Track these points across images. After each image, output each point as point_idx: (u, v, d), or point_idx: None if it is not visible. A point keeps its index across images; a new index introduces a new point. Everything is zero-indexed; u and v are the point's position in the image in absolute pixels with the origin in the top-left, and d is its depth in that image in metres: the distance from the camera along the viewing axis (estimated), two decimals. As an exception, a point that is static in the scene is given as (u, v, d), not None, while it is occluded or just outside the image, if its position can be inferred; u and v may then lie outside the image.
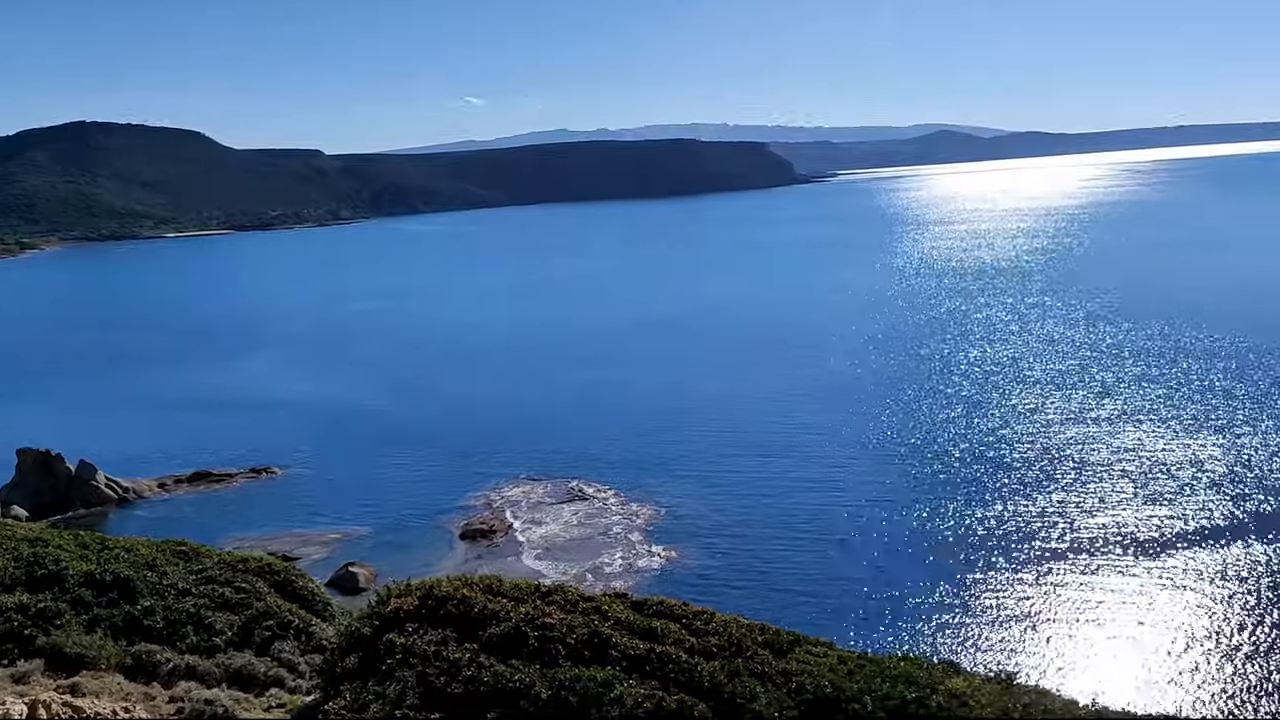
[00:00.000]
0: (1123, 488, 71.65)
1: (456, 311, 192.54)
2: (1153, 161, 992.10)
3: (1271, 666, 46.55)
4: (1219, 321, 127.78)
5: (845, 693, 13.64)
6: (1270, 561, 57.96)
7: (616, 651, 14.13)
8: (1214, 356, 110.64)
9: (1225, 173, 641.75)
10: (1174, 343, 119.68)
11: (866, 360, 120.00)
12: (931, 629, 52.34)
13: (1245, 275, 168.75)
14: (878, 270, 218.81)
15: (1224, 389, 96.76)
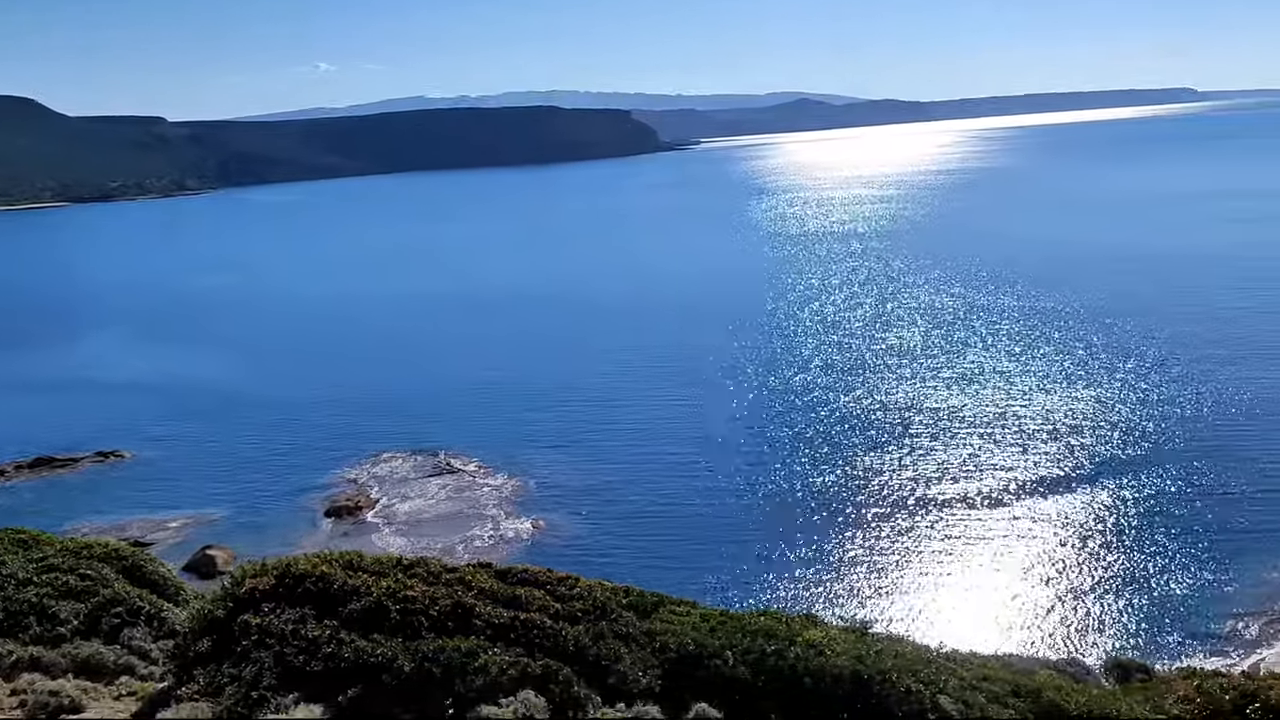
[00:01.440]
0: (973, 442, 75.12)
1: (308, 284, 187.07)
2: (1004, 129, 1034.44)
3: (1107, 604, 49.89)
4: (1063, 282, 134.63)
5: (707, 649, 13.95)
6: (1106, 506, 61.87)
7: (481, 621, 14.09)
8: (1059, 316, 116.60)
9: (1072, 139, 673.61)
10: (1021, 303, 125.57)
11: (726, 329, 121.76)
12: (792, 584, 54.01)
13: (1085, 237, 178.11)
14: (736, 238, 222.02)
15: (1066, 346, 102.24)
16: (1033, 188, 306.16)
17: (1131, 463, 68.45)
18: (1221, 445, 70.02)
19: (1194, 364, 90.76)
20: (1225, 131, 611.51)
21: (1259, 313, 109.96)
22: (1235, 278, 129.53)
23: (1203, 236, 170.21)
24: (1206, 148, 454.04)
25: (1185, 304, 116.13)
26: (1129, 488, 64.21)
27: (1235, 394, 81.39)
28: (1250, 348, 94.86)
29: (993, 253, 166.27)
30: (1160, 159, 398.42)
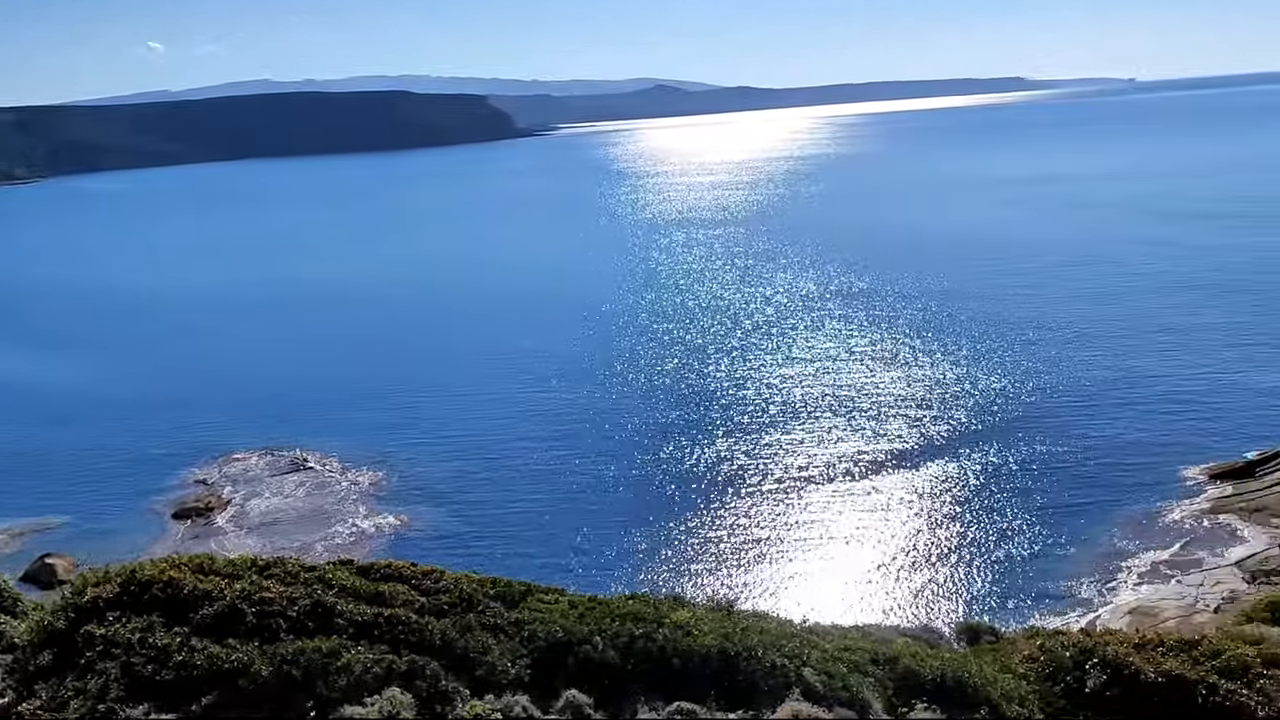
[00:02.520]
0: (828, 421, 77.40)
1: (143, 277, 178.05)
2: (852, 115, 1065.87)
3: (958, 572, 52.30)
4: (910, 265, 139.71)
5: (577, 636, 13.95)
6: (954, 478, 64.74)
7: (343, 620, 13.74)
8: (906, 298, 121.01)
9: (914, 125, 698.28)
10: (873, 286, 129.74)
11: (584, 317, 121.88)
12: (659, 567, 54.65)
13: (929, 220, 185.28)
14: (594, 225, 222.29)
15: (914, 327, 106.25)
16: (880, 172, 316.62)
17: (976, 437, 71.73)
18: (1057, 419, 74.02)
19: (1031, 343, 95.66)
20: (1053, 120, 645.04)
21: (1089, 295, 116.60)
22: (1066, 261, 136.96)
23: (1035, 219, 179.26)
24: (1035, 134, 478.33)
25: (1021, 286, 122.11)
26: (975, 461, 67.32)
27: (1069, 370, 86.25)
28: (1083, 328, 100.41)
29: (844, 237, 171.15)
30: (993, 145, 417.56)
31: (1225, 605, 34.25)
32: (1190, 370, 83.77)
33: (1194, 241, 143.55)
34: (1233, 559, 48.48)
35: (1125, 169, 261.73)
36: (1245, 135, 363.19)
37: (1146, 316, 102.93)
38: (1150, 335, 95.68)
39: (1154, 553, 52.07)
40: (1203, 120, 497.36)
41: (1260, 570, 38.01)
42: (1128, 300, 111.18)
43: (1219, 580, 45.52)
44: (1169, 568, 50.11)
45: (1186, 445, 67.06)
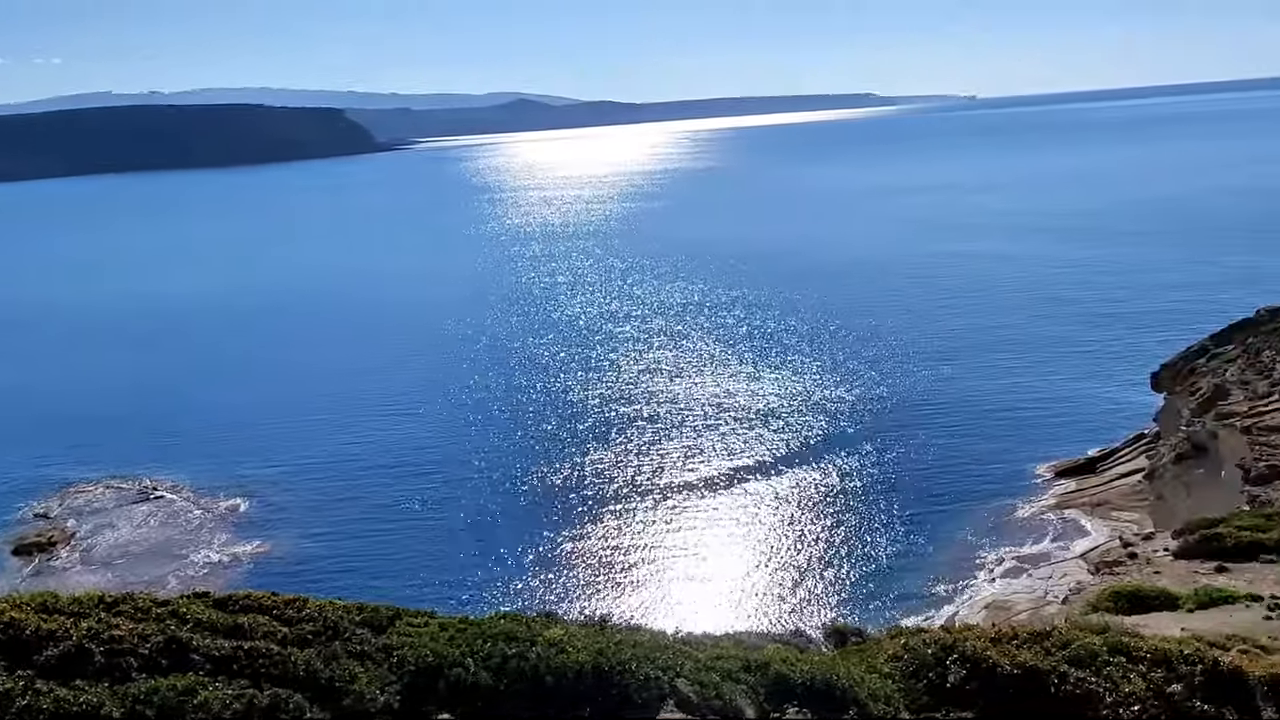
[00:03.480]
0: (695, 432, 78.31)
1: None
2: (711, 130, 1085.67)
3: (825, 576, 53.55)
4: (770, 275, 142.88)
5: (448, 659, 13.66)
6: (819, 484, 66.35)
7: (199, 655, 13.08)
8: (767, 308, 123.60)
9: (771, 140, 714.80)
10: (733, 297, 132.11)
11: (445, 334, 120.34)
12: (532, 585, 54.21)
13: (786, 232, 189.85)
14: (454, 239, 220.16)
15: (774, 337, 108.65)
16: (738, 185, 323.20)
17: (837, 445, 73.67)
18: (913, 426, 76.66)
19: (885, 353, 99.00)
20: (901, 133, 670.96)
21: (940, 306, 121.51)
22: (917, 272, 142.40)
23: (886, 231, 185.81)
24: (884, 148, 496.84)
25: (875, 297, 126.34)
26: (836, 469, 69.17)
27: (922, 380, 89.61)
28: (934, 338, 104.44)
29: (703, 250, 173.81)
30: (846, 158, 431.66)
31: (1072, 596, 36.05)
32: (1034, 377, 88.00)
33: (1033, 253, 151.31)
34: (1078, 551, 51.06)
35: (971, 181, 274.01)
36: (1074, 149, 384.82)
37: (993, 327, 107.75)
38: (996, 344, 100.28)
39: (1007, 549, 54.42)
40: (1036, 135, 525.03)
41: (1103, 561, 40.16)
42: (976, 311, 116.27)
43: (1066, 573, 47.80)
44: (1021, 563, 52.43)
45: (1034, 446, 70.36)
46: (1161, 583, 31.22)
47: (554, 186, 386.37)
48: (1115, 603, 27.56)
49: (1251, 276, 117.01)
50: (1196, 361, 63.87)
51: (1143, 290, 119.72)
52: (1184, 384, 62.12)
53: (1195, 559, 33.84)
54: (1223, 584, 29.94)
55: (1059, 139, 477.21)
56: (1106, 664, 11.80)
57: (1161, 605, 27.48)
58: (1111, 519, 55.57)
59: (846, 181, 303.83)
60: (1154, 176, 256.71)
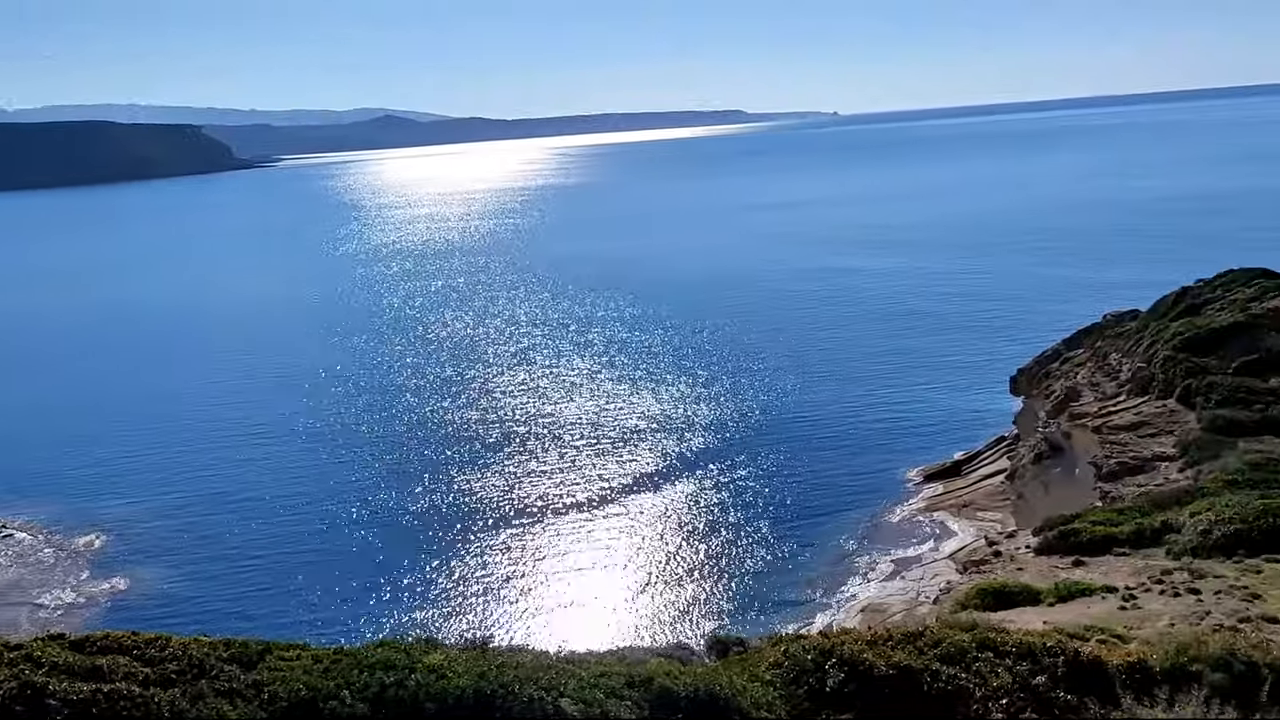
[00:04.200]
0: (573, 449, 78.12)
1: None
2: (585, 146, 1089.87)
3: (706, 588, 53.98)
4: (642, 291, 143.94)
5: (322, 692, 13.22)
6: (698, 497, 66.97)
7: (56, 700, 12.35)
8: (640, 324, 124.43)
9: (643, 156, 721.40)
10: (607, 312, 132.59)
11: (315, 354, 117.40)
12: (411, 611, 53.08)
13: (656, 247, 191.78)
14: (321, 258, 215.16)
15: (649, 352, 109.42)
16: (610, 201, 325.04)
17: (714, 457, 74.53)
18: (787, 436, 78.14)
19: (757, 365, 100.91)
20: (768, 148, 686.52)
21: (808, 319, 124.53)
22: (784, 286, 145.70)
23: (751, 246, 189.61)
24: (752, 163, 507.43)
25: (748, 312, 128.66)
26: (714, 480, 69.95)
27: (795, 390, 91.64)
28: (803, 350, 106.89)
29: (574, 266, 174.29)
30: (714, 173, 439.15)
31: (943, 596, 37.24)
32: (900, 386, 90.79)
33: (892, 267, 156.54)
34: (947, 552, 52.81)
35: (833, 196, 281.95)
36: (933, 164, 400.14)
37: (858, 339, 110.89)
38: (862, 356, 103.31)
39: (880, 553, 55.91)
40: (895, 150, 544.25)
41: (970, 561, 41.61)
42: (840, 324, 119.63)
43: (937, 573, 49.36)
44: (894, 565, 53.92)
45: (903, 452, 72.59)
46: (1024, 578, 32.51)
47: (422, 204, 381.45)
48: (982, 600, 28.56)
49: (1095, 284, 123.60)
50: (1050, 365, 67.01)
51: (996, 299, 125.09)
52: (1039, 387, 65.08)
53: (1055, 554, 35.33)
54: (1080, 577, 31.35)
55: (916, 154, 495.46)
56: (975, 660, 12.18)
57: (1025, 600, 28.61)
58: (977, 519, 57.68)
59: (714, 197, 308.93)
60: (998, 189, 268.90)
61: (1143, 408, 51.12)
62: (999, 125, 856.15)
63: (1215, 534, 31.75)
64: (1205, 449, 42.72)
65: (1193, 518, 33.25)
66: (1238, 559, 30.30)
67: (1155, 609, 26.29)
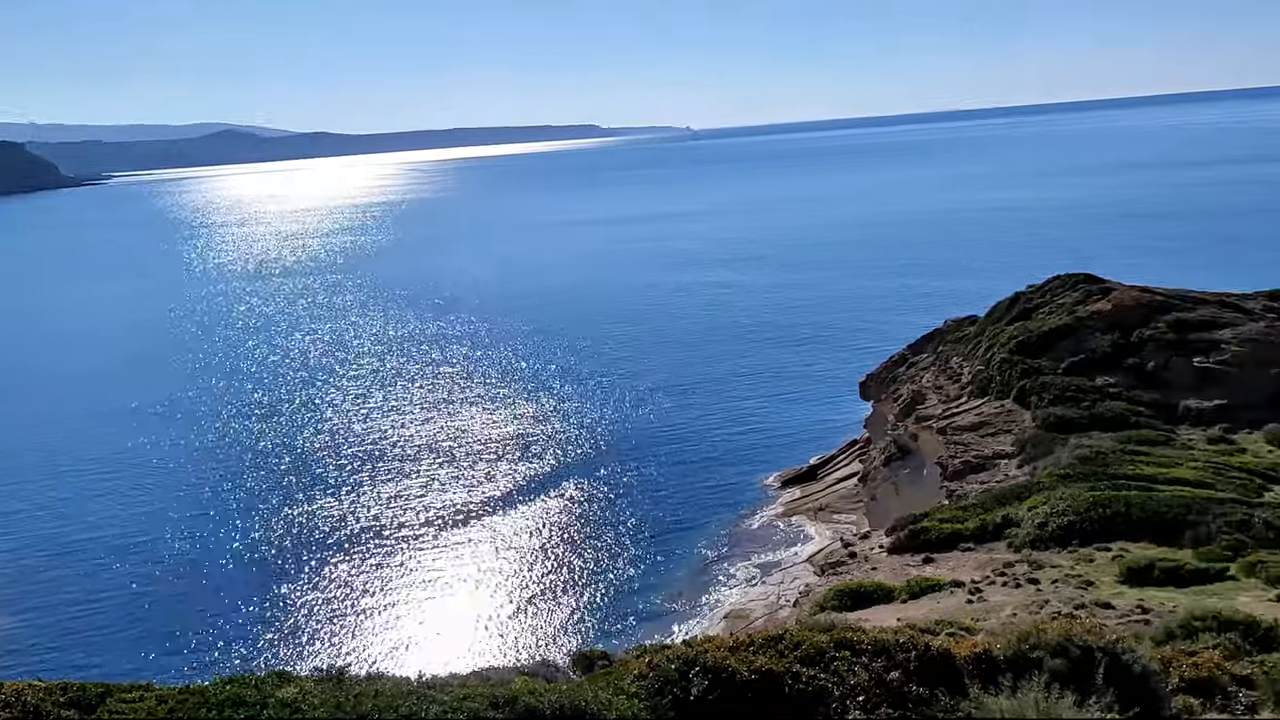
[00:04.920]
0: (431, 468, 76.78)
1: None
2: (437, 161, 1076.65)
3: (570, 603, 53.76)
4: (493, 306, 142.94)
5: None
6: (559, 513, 66.71)
7: None
8: (493, 340, 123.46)
9: (498, 171, 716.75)
10: (459, 330, 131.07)
11: (154, 377, 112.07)
12: (263, 644, 51.06)
13: (515, 262, 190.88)
14: (159, 279, 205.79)
15: (505, 369, 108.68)
16: (461, 217, 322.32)
17: (575, 472, 74.42)
18: (647, 449, 78.68)
19: (617, 378, 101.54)
20: (623, 163, 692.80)
21: (663, 333, 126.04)
22: (639, 301, 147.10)
23: (610, 262, 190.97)
24: (606, 177, 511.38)
25: (604, 328, 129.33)
26: (576, 496, 69.84)
27: (652, 403, 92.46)
28: (657, 366, 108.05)
29: (428, 282, 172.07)
30: (570, 188, 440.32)
31: (802, 598, 38.11)
32: (757, 395, 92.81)
33: (742, 280, 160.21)
34: (805, 555, 54.08)
35: (686, 210, 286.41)
36: (781, 178, 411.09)
37: (714, 352, 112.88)
38: (718, 368, 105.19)
39: (741, 559, 56.84)
40: (747, 164, 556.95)
41: (827, 563, 42.71)
42: (697, 338, 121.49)
43: (796, 576, 50.49)
44: (755, 571, 54.89)
45: (762, 459, 74.11)
46: (878, 577, 33.60)
47: (264, 221, 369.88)
48: (840, 600, 29.38)
49: (938, 291, 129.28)
50: (897, 370, 69.61)
51: (843, 310, 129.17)
52: (888, 392, 67.50)
53: (906, 553, 36.64)
54: (930, 574, 32.61)
55: (766, 168, 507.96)
56: (834, 659, 12.46)
57: (879, 599, 29.58)
58: (833, 521, 59.31)
59: (564, 213, 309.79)
60: (846, 202, 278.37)
61: (983, 408, 53.61)
62: (854, 140, 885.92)
63: (1051, 526, 33.50)
64: (1040, 446, 45.08)
65: (1030, 512, 35.00)
66: (1072, 549, 32.05)
67: (999, 600, 27.56)
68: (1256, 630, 16.94)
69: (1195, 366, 50.76)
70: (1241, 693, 13.20)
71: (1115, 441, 42.77)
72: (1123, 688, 11.83)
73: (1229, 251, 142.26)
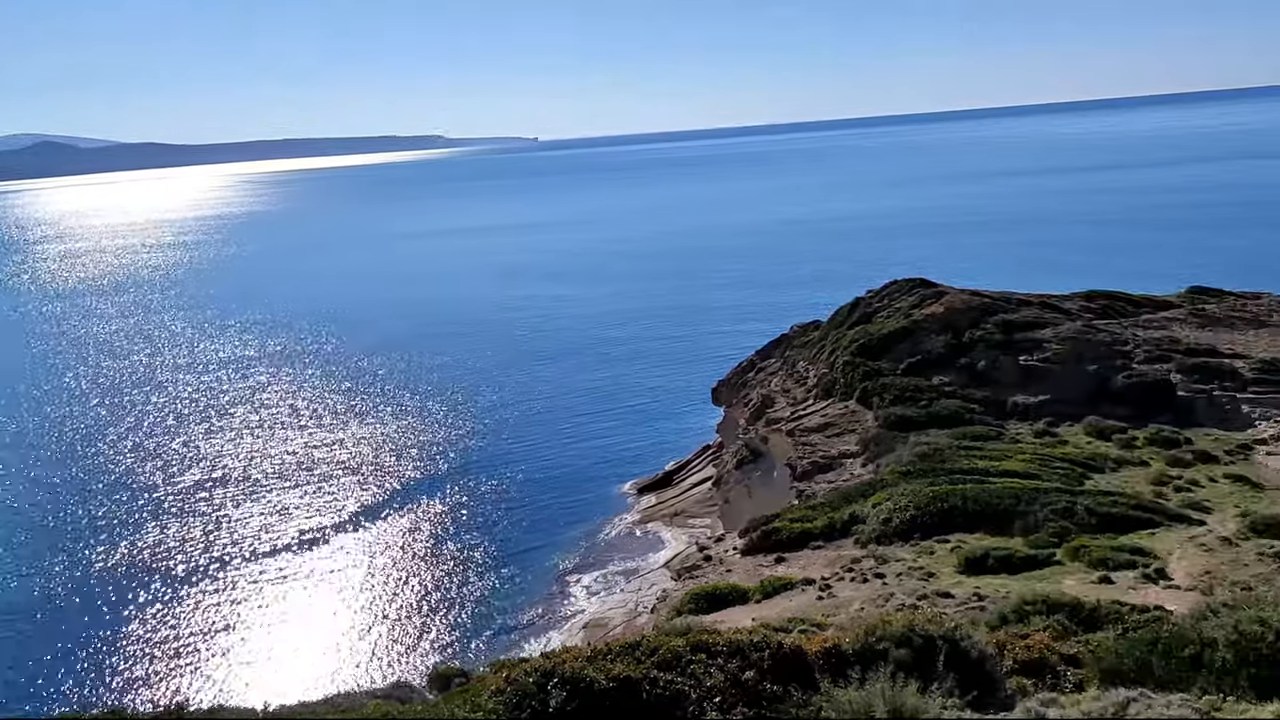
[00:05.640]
0: (275, 490, 74.03)
1: None
2: (276, 172, 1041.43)
3: (424, 622, 52.67)
4: (341, 323, 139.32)
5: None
6: (409, 530, 65.36)
7: None
8: (331, 357, 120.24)
9: (340, 182, 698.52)
10: (303, 347, 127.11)
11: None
12: (97, 682, 48.13)
13: (352, 276, 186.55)
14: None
15: (349, 384, 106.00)
16: (297, 229, 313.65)
17: (425, 489, 72.99)
18: (500, 461, 78.02)
19: (462, 393, 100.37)
20: (469, 174, 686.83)
21: (510, 346, 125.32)
22: (485, 314, 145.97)
23: (454, 274, 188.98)
24: (454, 188, 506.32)
25: (450, 342, 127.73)
26: (427, 514, 68.53)
27: (505, 414, 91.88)
28: (519, 377, 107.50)
29: (260, 299, 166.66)
30: (413, 199, 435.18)
31: (659, 604, 38.45)
32: (612, 406, 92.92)
33: (583, 293, 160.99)
34: (662, 561, 54.56)
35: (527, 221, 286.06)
36: (624, 189, 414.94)
37: (565, 364, 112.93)
38: (570, 380, 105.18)
39: (599, 568, 56.90)
40: (591, 175, 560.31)
41: (684, 568, 43.21)
42: (544, 350, 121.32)
43: (654, 582, 50.89)
44: (613, 579, 55.04)
45: (618, 469, 74.35)
46: (733, 579, 34.21)
47: (85, 237, 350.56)
48: (696, 604, 29.77)
49: (782, 300, 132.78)
50: (747, 375, 71.15)
51: (689, 322, 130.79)
52: (738, 397, 68.91)
53: (759, 554, 37.42)
54: (782, 573, 33.40)
55: (610, 179, 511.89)
56: (691, 662, 12.60)
57: (735, 600, 30.13)
58: (689, 526, 60.05)
59: (407, 224, 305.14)
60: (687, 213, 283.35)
61: (828, 410, 55.31)
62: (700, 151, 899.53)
63: (895, 521, 34.81)
64: (882, 444, 46.81)
65: (875, 508, 36.29)
66: (914, 542, 33.39)
67: (848, 595, 28.45)
68: (1081, 611, 18.02)
69: (1021, 365, 53.65)
70: (1069, 671, 14.00)
71: (951, 438, 44.77)
72: (962, 672, 12.38)
73: (1043, 254, 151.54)
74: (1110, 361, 53.32)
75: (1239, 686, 11.51)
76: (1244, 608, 12.68)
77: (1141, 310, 64.44)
